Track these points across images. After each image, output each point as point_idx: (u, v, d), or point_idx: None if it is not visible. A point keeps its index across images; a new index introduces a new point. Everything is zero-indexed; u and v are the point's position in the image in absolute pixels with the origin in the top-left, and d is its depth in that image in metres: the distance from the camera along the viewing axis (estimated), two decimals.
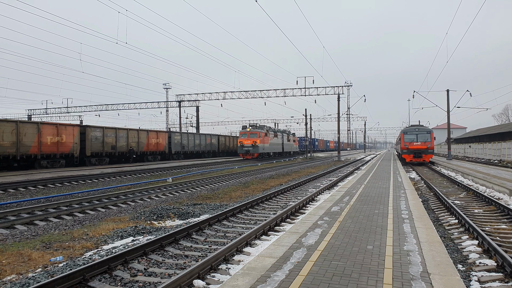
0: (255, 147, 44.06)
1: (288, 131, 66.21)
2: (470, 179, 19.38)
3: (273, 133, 51.54)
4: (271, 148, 49.78)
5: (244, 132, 45.97)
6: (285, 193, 15.27)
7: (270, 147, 49.18)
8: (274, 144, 51.40)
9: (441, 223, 9.83)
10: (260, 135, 45.03)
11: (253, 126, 47.37)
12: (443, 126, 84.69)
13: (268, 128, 50.65)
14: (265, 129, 48.66)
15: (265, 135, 46.73)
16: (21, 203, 12.74)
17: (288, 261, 5.07)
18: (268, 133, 48.78)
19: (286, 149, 60.41)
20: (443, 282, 4.24)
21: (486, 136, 60.91)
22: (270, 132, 49.89)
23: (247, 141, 44.36)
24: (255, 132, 45.04)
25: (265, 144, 46.65)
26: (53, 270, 6.02)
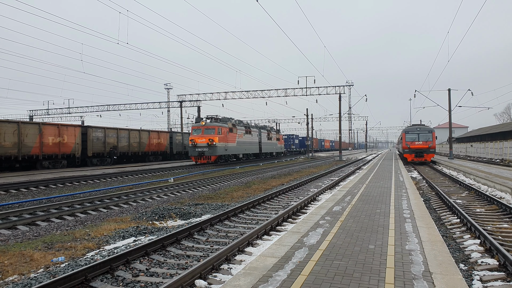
0: (212, 147, 32.11)
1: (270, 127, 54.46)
2: (472, 178, 19.34)
3: (243, 129, 40.38)
4: (240, 149, 38.62)
5: (197, 127, 33.53)
6: (287, 193, 15.27)
7: (238, 147, 38.01)
8: (245, 143, 40.47)
9: (443, 222, 9.81)
10: (220, 130, 33.44)
11: (211, 119, 34.82)
12: (445, 126, 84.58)
13: (235, 122, 39.54)
14: (230, 122, 37.15)
15: (229, 130, 35.31)
16: (23, 204, 12.77)
17: (290, 260, 5.06)
18: (235, 128, 37.53)
19: (266, 149, 49.10)
20: (445, 281, 4.23)
21: (487, 135, 60.81)
22: (238, 127, 38.66)
23: (201, 139, 32.36)
24: (213, 126, 33.07)
25: (230, 144, 35.45)
26: (55, 270, 6.03)
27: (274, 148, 53.35)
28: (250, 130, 42.54)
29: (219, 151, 33.04)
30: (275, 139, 53.67)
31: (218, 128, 33.38)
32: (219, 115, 36.01)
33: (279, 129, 59.81)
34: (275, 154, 56.06)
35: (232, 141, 36.21)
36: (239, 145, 38.43)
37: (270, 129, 52.58)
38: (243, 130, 40.31)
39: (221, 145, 33.50)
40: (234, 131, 37.15)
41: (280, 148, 57.29)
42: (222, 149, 33.68)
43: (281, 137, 58.11)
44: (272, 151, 53.17)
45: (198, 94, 53.70)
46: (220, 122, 35.18)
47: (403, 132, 36.84)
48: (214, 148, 32.32)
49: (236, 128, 37.92)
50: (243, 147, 39.96)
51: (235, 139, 37.22)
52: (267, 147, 49.42)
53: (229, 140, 35.48)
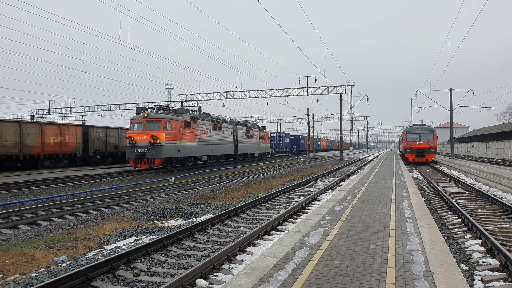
0: (155, 147, 23.92)
1: (252, 123, 45.65)
2: (473, 178, 19.31)
3: (209, 123, 31.44)
4: (203, 149, 29.88)
5: (137, 120, 25.09)
6: (288, 193, 15.27)
7: (200, 147, 29.42)
8: (212, 142, 31.78)
9: (444, 223, 9.80)
10: (169, 124, 25.10)
11: (158, 109, 26.66)
12: (446, 125, 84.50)
13: (197, 114, 31.21)
14: (188, 115, 28.49)
15: (185, 125, 26.93)
16: (24, 203, 12.79)
17: (291, 260, 5.06)
18: (195, 122, 28.65)
19: (244, 149, 40.21)
20: (446, 281, 4.23)
21: (489, 135, 60.72)
22: (201, 121, 29.74)
23: (142, 135, 24.18)
24: (158, 119, 24.70)
25: (186, 142, 27.13)
26: (56, 270, 6.04)
27: (256, 148, 44.73)
28: (220, 125, 33.78)
29: (167, 153, 24.63)
30: (257, 137, 44.94)
31: (166, 122, 24.79)
32: (175, 106, 30.24)
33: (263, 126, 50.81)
34: (258, 155, 47.08)
35: (189, 139, 27.60)
36: (202, 145, 29.67)
37: (251, 126, 43.83)
38: (209, 126, 31.35)
39: (170, 144, 24.93)
40: (194, 126, 28.46)
41: (265, 148, 48.69)
42: (172, 149, 25.18)
43: (266, 135, 49.60)
44: (254, 152, 44.35)
45: (199, 93, 53.73)
46: (172, 113, 27.20)
47: (404, 132, 36.83)
48: (158, 149, 23.93)
49: (197, 123, 29.06)
50: (209, 147, 30.96)
51: (195, 137, 28.57)
52: (246, 147, 40.87)
53: (185, 137, 26.87)
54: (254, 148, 43.92)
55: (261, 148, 46.79)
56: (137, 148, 24.13)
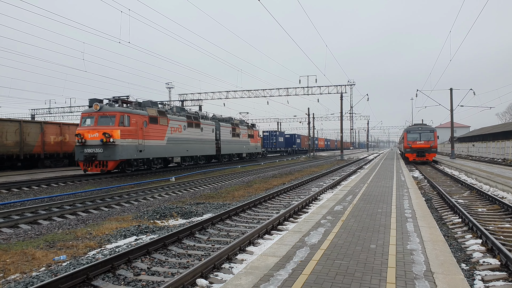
0: (108, 147, 20.03)
1: (239, 120, 41.71)
2: (473, 178, 19.30)
3: (183, 119, 27.32)
4: (174, 149, 25.80)
5: (88, 114, 21.23)
6: (288, 192, 15.27)
7: (171, 146, 25.41)
8: (187, 141, 27.62)
9: (444, 222, 9.80)
10: (126, 119, 21.01)
11: (114, 101, 22.24)
12: (447, 125, 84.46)
13: (166, 109, 26.74)
14: (155, 108, 24.52)
15: (149, 120, 23.02)
16: (24, 203, 12.79)
17: (291, 260, 5.06)
18: (163, 117, 24.67)
19: (228, 149, 35.93)
20: (447, 281, 4.22)
21: (489, 135, 60.67)
22: (171, 117, 25.75)
23: (93, 132, 20.37)
24: (113, 113, 20.74)
25: (151, 141, 23.11)
26: (56, 269, 6.04)
27: (243, 148, 40.22)
28: (198, 122, 29.47)
29: (124, 153, 20.58)
30: (245, 135, 40.44)
31: (123, 116, 20.78)
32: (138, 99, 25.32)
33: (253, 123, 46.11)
34: (246, 155, 42.60)
35: (156, 137, 23.62)
36: (174, 144, 25.66)
37: (238, 123, 39.77)
38: (183, 122, 27.10)
39: (128, 143, 20.90)
40: (162, 122, 24.40)
41: (255, 147, 43.91)
42: (131, 149, 21.15)
43: (256, 133, 44.93)
44: (241, 152, 39.82)
45: (199, 93, 53.72)
46: (135, 106, 22.97)
47: (404, 132, 36.82)
48: (112, 149, 19.98)
49: (167, 118, 24.97)
50: (182, 146, 26.84)
51: (164, 135, 24.58)
52: (231, 147, 36.50)
53: (149, 135, 22.97)
54: (241, 147, 39.59)
55: (250, 147, 42.17)
56: (87, 147, 20.33)
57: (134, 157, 21.71)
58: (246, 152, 41.62)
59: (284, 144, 65.68)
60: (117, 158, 20.39)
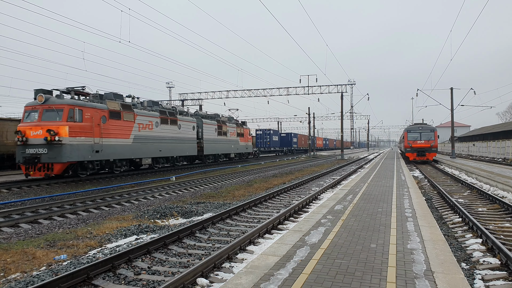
0: (54, 147, 16.99)
1: (227, 117, 38.53)
2: (474, 177, 19.30)
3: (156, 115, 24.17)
4: (140, 150, 22.42)
5: (32, 108, 18.02)
6: (288, 192, 15.27)
7: (138, 146, 22.15)
8: (160, 140, 24.44)
9: (444, 222, 9.80)
10: (78, 113, 17.96)
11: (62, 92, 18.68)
12: (447, 125, 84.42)
13: (134, 102, 23.25)
14: (118, 102, 21.12)
15: (109, 115, 19.80)
16: (25, 202, 12.81)
17: (292, 259, 5.07)
18: (129, 112, 21.43)
19: (213, 149, 32.63)
20: (447, 280, 4.23)
21: (490, 134, 60.64)
22: (139, 111, 22.56)
23: (35, 129, 17.25)
24: (60, 106, 17.58)
25: (109, 140, 19.80)
26: (57, 268, 6.05)
27: (231, 148, 36.86)
28: (174, 118, 26.23)
29: (74, 154, 17.43)
30: (233, 134, 37.21)
31: (73, 110, 17.61)
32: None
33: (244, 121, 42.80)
34: (236, 156, 39.39)
35: (118, 134, 20.29)
36: (142, 143, 22.46)
37: (225, 120, 36.62)
38: (155, 118, 23.85)
39: (80, 141, 17.78)
40: (127, 118, 21.05)
41: (245, 147, 40.61)
42: (84, 149, 18.03)
43: (246, 132, 41.51)
44: (228, 152, 36.48)
45: (200, 92, 53.70)
46: (92, 99, 19.73)
47: (405, 131, 36.81)
48: (58, 149, 16.83)
49: (133, 113, 21.68)
50: (154, 146, 23.67)
51: (130, 132, 21.22)
52: (216, 146, 33.13)
53: (110, 132, 19.74)
54: (228, 147, 36.28)
55: (239, 147, 38.88)
56: (29, 147, 17.08)
57: (88, 158, 18.48)
58: (234, 152, 38.27)
59: (279, 144, 62.39)
60: (64, 160, 17.15)
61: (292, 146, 66.86)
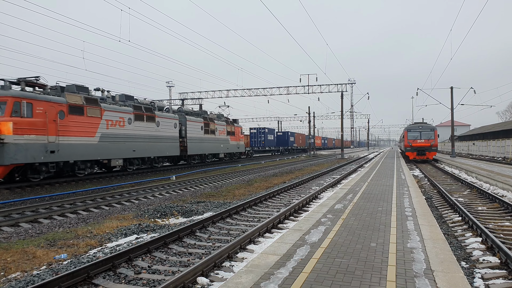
0: None
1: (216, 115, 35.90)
2: (473, 176, 19.31)
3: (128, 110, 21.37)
4: (108, 150, 19.84)
5: None
6: (288, 191, 15.28)
7: (103, 146, 19.48)
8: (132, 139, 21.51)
9: (444, 221, 9.81)
10: (25, 108, 15.42)
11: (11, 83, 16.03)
12: (447, 124, 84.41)
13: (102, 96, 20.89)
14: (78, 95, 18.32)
15: (68, 110, 17.34)
16: (25, 201, 12.81)
17: (292, 258, 5.07)
18: (93, 107, 18.78)
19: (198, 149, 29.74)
20: (447, 279, 4.23)
21: (490, 134, 60.64)
22: (104, 105, 19.74)
23: None
24: (4, 98, 15.00)
25: (68, 138, 17.32)
26: (57, 267, 6.06)
27: (220, 148, 33.94)
28: (151, 114, 23.49)
29: (20, 155, 15.12)
30: (223, 132, 34.31)
31: (19, 102, 15.23)
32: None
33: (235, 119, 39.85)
34: (225, 155, 36.39)
35: (81, 132, 17.79)
36: (111, 142, 19.85)
37: (214, 117, 33.93)
38: (127, 114, 21.15)
39: (29, 140, 15.49)
40: (92, 113, 18.49)
41: (236, 146, 37.66)
42: (35, 149, 15.70)
43: (238, 130, 38.51)
44: (217, 152, 33.61)
45: (200, 92, 53.69)
46: (49, 91, 17.35)
47: (405, 130, 36.80)
48: (0, 149, 14.52)
49: (99, 108, 19.02)
50: (126, 145, 21.02)
51: (95, 130, 18.71)
52: (202, 146, 30.26)
53: (68, 130, 17.28)
54: (217, 147, 33.15)
55: (229, 146, 35.95)
56: None
57: (40, 160, 15.94)
58: (224, 152, 35.20)
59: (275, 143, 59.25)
60: (7, 162, 14.66)
61: (289, 146, 64.26)
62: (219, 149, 33.62)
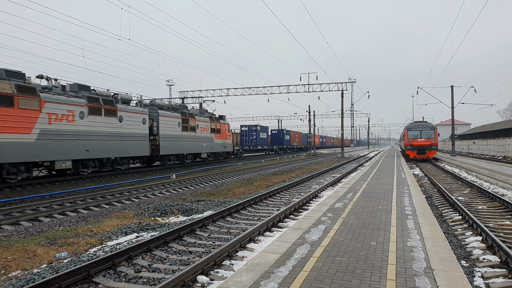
0: None
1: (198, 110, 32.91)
2: (474, 175, 19.30)
3: (81, 102, 17.98)
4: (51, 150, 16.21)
5: None
6: (289, 190, 15.28)
7: (44, 144, 15.88)
8: (83, 137, 18.05)
9: (444, 219, 9.81)
10: None
11: None
12: (447, 123, 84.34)
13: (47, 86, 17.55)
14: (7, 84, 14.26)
15: None
16: (25, 200, 12.83)
17: (292, 257, 5.08)
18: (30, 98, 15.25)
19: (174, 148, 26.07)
20: (447, 278, 4.24)
21: (490, 132, 60.62)
22: (46, 96, 16.15)
23: None
24: None
25: None
26: (58, 266, 6.07)
27: (202, 147, 29.89)
28: (111, 108, 20.04)
29: None
30: (206, 130, 30.51)
31: None
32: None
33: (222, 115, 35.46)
34: (210, 155, 32.78)
35: (8, 128, 14.46)
36: (55, 140, 16.57)
37: (196, 113, 30.09)
38: (79, 106, 17.88)
39: None
40: (26, 105, 15.27)
41: (222, 145, 33.78)
42: None
43: (225, 128, 34.54)
44: (198, 152, 29.56)
45: (200, 90, 53.66)
46: None
47: (405, 129, 36.78)
48: None
49: (38, 99, 15.84)
50: (77, 144, 17.67)
51: (32, 126, 15.57)
52: (179, 145, 26.51)
53: None
54: (198, 146, 29.13)
55: (214, 145, 31.86)
56: None
57: None
58: (208, 152, 31.18)
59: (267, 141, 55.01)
60: None
61: (285, 144, 60.64)
62: (200, 148, 29.61)
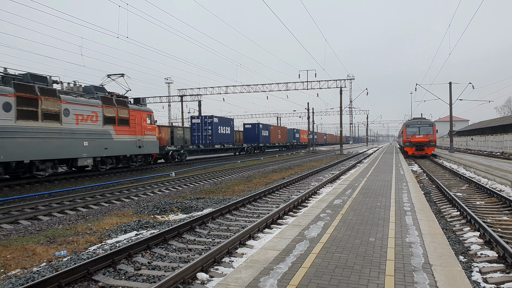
0: None
1: (84, 87, 19.88)
2: (472, 171, 19.36)
3: None
4: None
5: None
6: (288, 187, 15.30)
7: None
8: None
9: (443, 215, 9.85)
10: None
11: None
12: (446, 119, 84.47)
13: None
14: None
15: None
16: (24, 199, 12.82)
17: (291, 253, 5.10)
18: None
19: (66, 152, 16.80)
20: (445, 273, 4.26)
21: (488, 129, 60.74)
22: None
23: None
24: None
25: None
26: (57, 264, 6.08)
27: (77, 148, 17.72)
28: None
29: None
30: (92, 119, 18.81)
31: None
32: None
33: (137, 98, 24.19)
34: (101, 160, 20.14)
35: None
36: None
37: (59, 90, 17.45)
38: None
39: None
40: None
41: (134, 145, 21.97)
42: None
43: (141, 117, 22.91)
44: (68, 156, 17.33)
45: (198, 88, 53.61)
46: None
47: (404, 126, 36.81)
48: None
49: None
50: None
51: None
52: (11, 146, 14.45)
53: None
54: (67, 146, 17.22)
55: (112, 145, 20.27)
56: None
57: None
58: (94, 156, 19.14)
59: (231, 139, 40.89)
60: None
61: (262, 142, 48.55)
62: (73, 150, 17.70)
